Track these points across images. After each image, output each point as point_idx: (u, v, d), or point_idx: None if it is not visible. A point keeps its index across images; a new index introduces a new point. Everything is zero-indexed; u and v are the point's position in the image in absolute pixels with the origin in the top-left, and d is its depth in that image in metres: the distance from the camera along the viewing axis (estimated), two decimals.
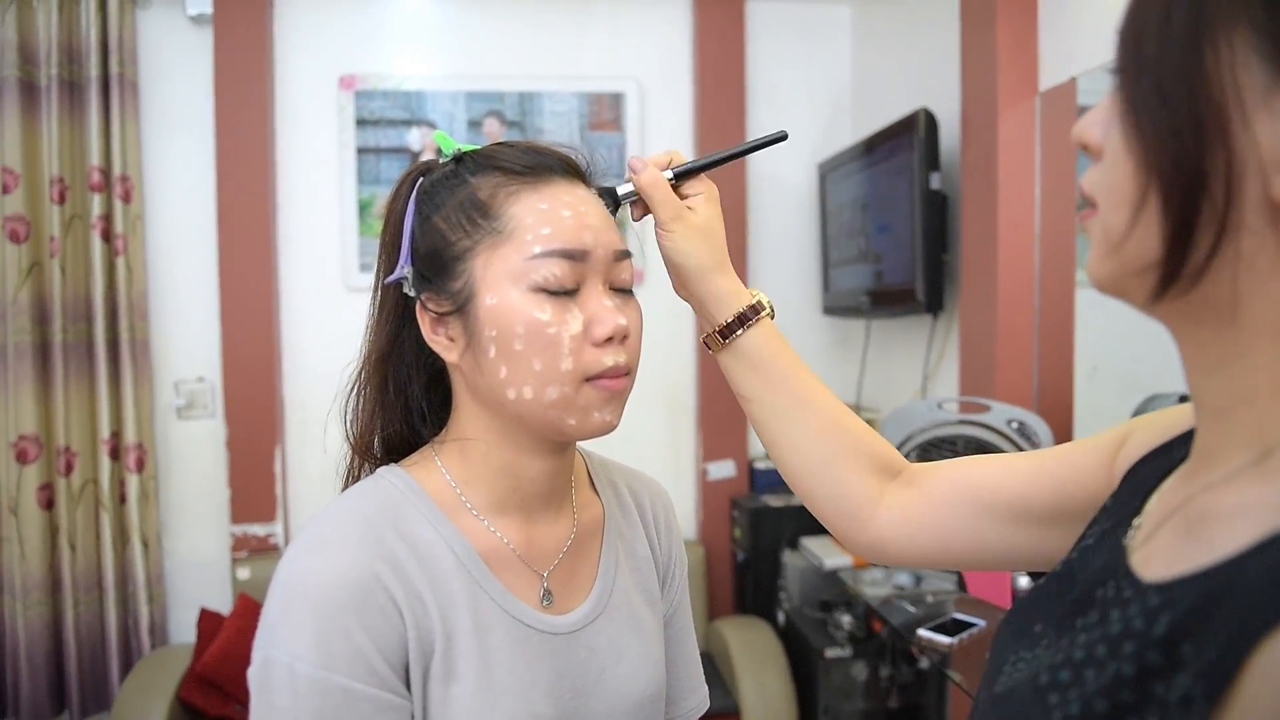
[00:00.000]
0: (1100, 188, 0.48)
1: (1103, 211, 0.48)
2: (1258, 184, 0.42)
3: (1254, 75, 0.41)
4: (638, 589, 0.88)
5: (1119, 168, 0.46)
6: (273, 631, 0.68)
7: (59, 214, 2.70)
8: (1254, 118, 0.41)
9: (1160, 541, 0.50)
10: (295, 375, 2.98)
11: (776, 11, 3.21)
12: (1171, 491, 0.54)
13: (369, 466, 0.83)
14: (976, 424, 2.03)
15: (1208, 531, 0.46)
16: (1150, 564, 0.49)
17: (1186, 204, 0.43)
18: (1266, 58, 0.41)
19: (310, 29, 2.96)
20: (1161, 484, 0.56)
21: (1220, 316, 0.45)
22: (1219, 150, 0.42)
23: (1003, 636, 0.60)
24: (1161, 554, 0.49)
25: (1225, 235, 0.43)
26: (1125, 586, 0.49)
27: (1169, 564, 0.47)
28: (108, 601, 2.75)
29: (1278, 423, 0.45)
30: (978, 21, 2.22)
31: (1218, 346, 0.47)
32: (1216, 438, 0.49)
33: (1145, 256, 0.45)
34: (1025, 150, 2.13)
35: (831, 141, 3.21)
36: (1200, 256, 0.44)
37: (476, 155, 0.78)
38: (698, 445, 3.21)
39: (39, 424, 2.72)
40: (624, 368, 0.74)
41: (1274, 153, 0.41)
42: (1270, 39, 0.41)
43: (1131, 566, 0.51)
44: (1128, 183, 0.46)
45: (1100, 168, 0.49)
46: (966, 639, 1.74)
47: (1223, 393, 0.48)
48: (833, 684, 2.52)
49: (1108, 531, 0.57)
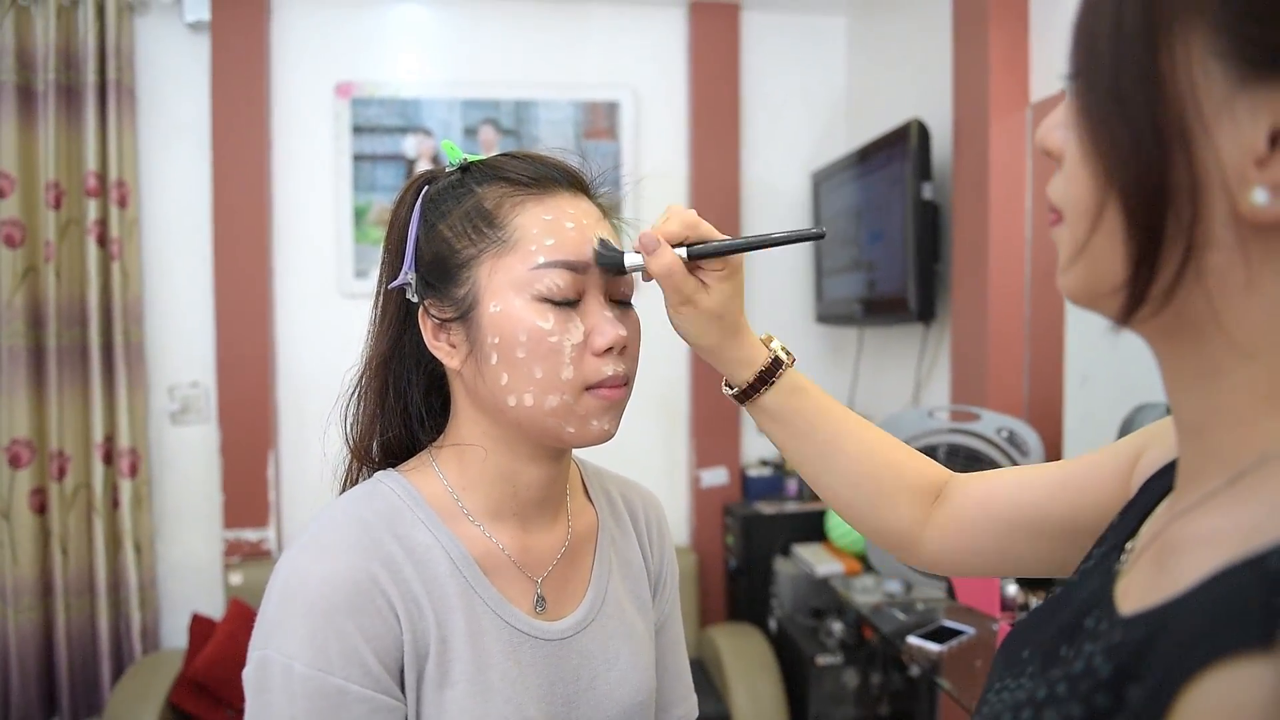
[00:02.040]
0: (1062, 197, 0.46)
1: (1067, 221, 0.46)
2: (1225, 198, 0.39)
3: (1213, 79, 0.38)
4: (629, 597, 0.89)
5: (1077, 179, 0.44)
6: (269, 632, 0.69)
7: (55, 219, 2.71)
8: (1215, 126, 0.38)
9: (1138, 571, 0.49)
10: (289, 381, 2.98)
11: (771, 22, 3.24)
12: (1159, 516, 0.52)
13: (366, 470, 0.84)
14: (967, 432, 2.04)
15: (1175, 561, 0.44)
16: (1127, 595, 0.48)
17: (1150, 221, 0.40)
18: (1226, 59, 0.38)
19: (307, 36, 2.97)
20: (1158, 506, 0.54)
21: (1195, 333, 0.43)
22: (1181, 162, 0.39)
23: (997, 661, 0.58)
24: (1136, 585, 0.48)
25: (1194, 252, 0.40)
26: (1104, 618, 0.48)
27: (1140, 596, 0.46)
28: (99, 606, 2.75)
29: (1252, 443, 0.43)
30: (970, 33, 2.24)
31: (1194, 362, 0.45)
32: (1195, 458, 0.47)
33: (1111, 275, 0.43)
34: (1016, 161, 2.15)
35: (825, 151, 3.23)
36: (1168, 276, 0.41)
37: (483, 165, 0.79)
38: (691, 453, 3.22)
39: (32, 428, 2.71)
40: (623, 377, 0.76)
41: (1239, 164, 0.38)
42: (1229, 38, 0.38)
43: (1114, 596, 0.49)
44: (1086, 194, 0.43)
45: (1062, 175, 0.46)
46: (956, 646, 1.75)
47: (1200, 409, 0.46)
48: (824, 691, 2.53)
49: (1105, 554, 0.56)
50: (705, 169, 3.15)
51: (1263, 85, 0.37)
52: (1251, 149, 0.38)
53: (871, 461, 0.79)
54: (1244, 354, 0.42)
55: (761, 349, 0.78)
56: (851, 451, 0.79)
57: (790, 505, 3.04)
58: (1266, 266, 0.40)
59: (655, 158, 3.14)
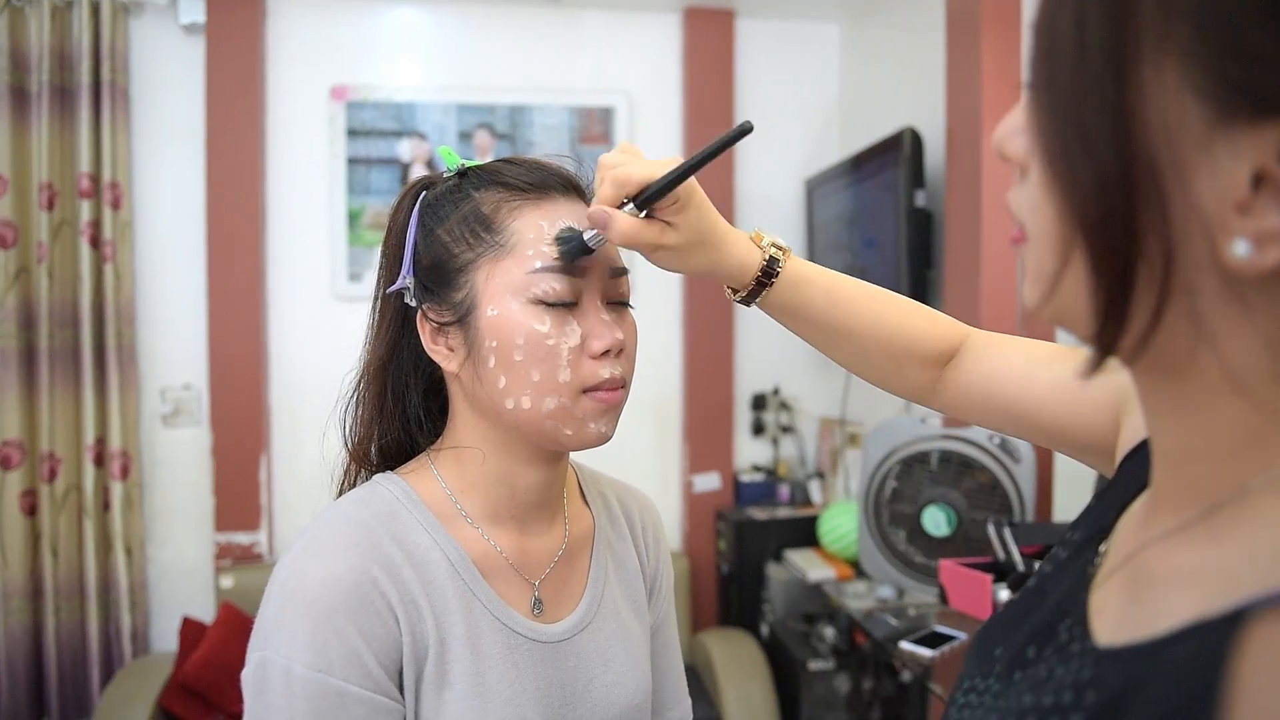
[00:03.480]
0: (1027, 218, 0.43)
1: (1032, 245, 0.42)
2: (1203, 245, 0.35)
3: (1188, 116, 0.34)
4: (625, 600, 0.90)
5: (1042, 207, 0.40)
6: (269, 633, 0.69)
7: (48, 220, 2.70)
8: (1191, 168, 0.34)
9: (1111, 591, 0.47)
10: (282, 384, 2.98)
11: (765, 28, 3.25)
12: (1132, 525, 0.51)
13: (364, 473, 0.85)
14: (959, 439, 2.05)
15: (1148, 596, 0.43)
16: (1101, 615, 0.46)
17: (1117, 270, 0.37)
18: (1203, 96, 0.34)
19: (302, 39, 2.97)
20: (1134, 501, 0.53)
21: (1175, 370, 0.41)
22: (1152, 207, 0.35)
23: (971, 655, 0.57)
24: (1109, 608, 0.46)
25: (1169, 300, 0.37)
26: (1076, 636, 0.47)
27: (1113, 625, 0.45)
28: (89, 609, 2.74)
29: (1231, 476, 0.41)
30: (963, 41, 2.25)
31: (1173, 396, 0.42)
32: (1171, 482, 0.45)
33: (1079, 319, 0.40)
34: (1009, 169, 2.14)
35: (819, 158, 3.24)
36: (1140, 327, 0.38)
37: (480, 170, 0.80)
38: (683, 458, 3.22)
39: (23, 429, 2.71)
40: (620, 380, 0.76)
41: (1218, 210, 0.34)
42: (1204, 71, 0.33)
43: (1088, 610, 0.47)
44: (1052, 226, 0.40)
45: (1025, 191, 0.43)
46: (948, 651, 1.75)
47: (1178, 440, 0.44)
48: (815, 696, 2.53)
49: (1080, 547, 0.55)
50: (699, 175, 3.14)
51: (1246, 125, 0.33)
52: (1232, 193, 0.34)
53: (883, 338, 0.79)
54: (1227, 391, 0.39)
55: (754, 250, 0.77)
56: (864, 331, 0.79)
57: (782, 511, 3.05)
58: (1254, 309, 0.37)
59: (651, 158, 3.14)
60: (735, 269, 0.76)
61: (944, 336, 0.80)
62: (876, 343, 0.79)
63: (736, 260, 0.76)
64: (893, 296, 0.81)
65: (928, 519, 2.08)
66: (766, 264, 0.76)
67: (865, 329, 0.79)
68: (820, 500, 3.16)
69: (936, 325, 0.81)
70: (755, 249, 0.77)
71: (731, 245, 0.76)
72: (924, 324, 0.80)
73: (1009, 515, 1.96)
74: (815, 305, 0.78)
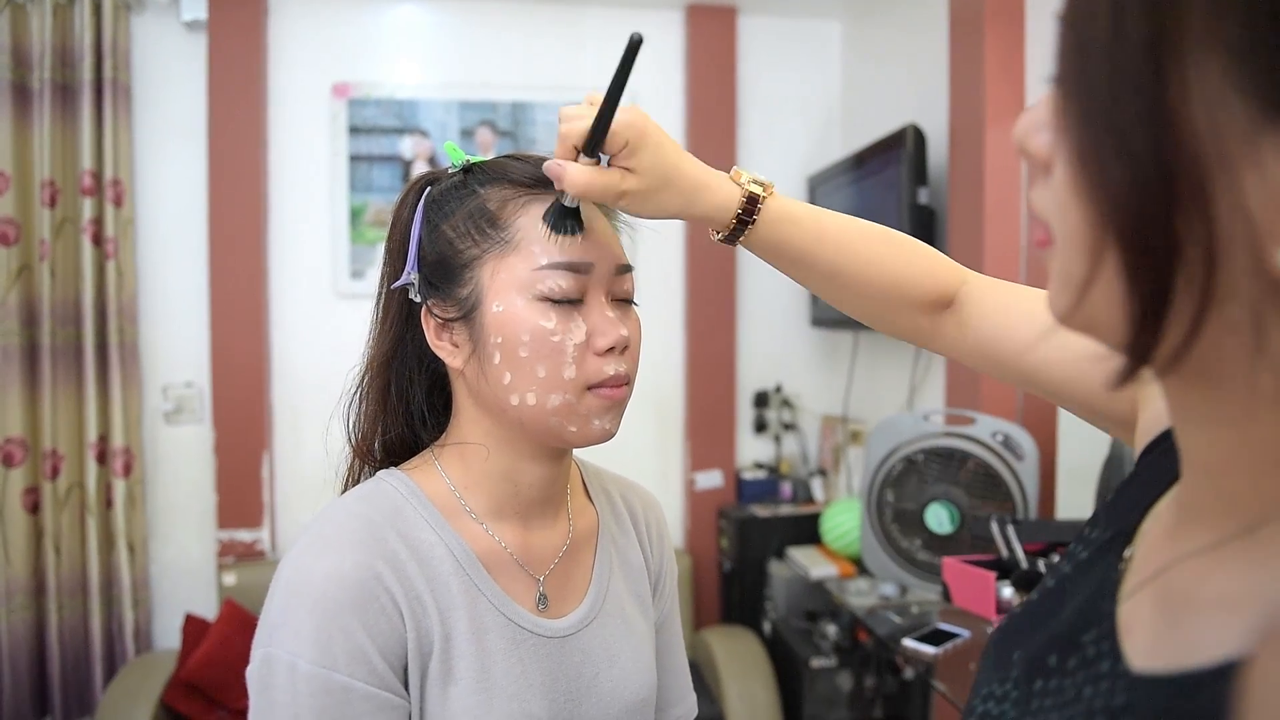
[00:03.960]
0: (1053, 219, 0.40)
1: (1058, 250, 0.39)
2: (1246, 251, 0.32)
3: (1234, 115, 0.31)
4: (630, 595, 0.90)
5: (1070, 209, 0.37)
6: (273, 629, 0.69)
7: (50, 217, 2.70)
8: (1235, 170, 0.32)
9: (1142, 606, 0.44)
10: (284, 381, 2.98)
11: (767, 26, 3.24)
12: (1158, 532, 0.48)
13: (368, 469, 0.85)
14: (962, 436, 2.05)
15: (1184, 619, 0.41)
16: (1132, 633, 0.44)
17: (1155, 278, 0.34)
18: (1247, 93, 0.31)
19: (304, 36, 2.97)
20: (1159, 501, 0.50)
21: (1211, 381, 0.37)
22: (1194, 212, 0.33)
23: (989, 657, 0.55)
24: (1141, 626, 0.44)
25: (1209, 308, 0.34)
26: (1104, 653, 0.44)
27: (1146, 646, 0.42)
28: (92, 606, 2.74)
29: (1272, 495, 0.38)
30: (966, 38, 2.25)
31: (1210, 409, 0.39)
32: (1205, 496, 0.43)
33: (1110, 329, 0.37)
34: (1012, 166, 2.16)
35: (821, 155, 3.24)
36: (1177, 337, 0.35)
37: (486, 166, 0.80)
38: (685, 455, 3.22)
39: (26, 427, 2.71)
40: (624, 377, 0.76)
41: (1265, 215, 0.32)
42: (1252, 69, 0.31)
43: (1117, 623, 0.45)
44: (1081, 230, 0.37)
45: (1050, 191, 0.40)
46: (951, 649, 1.75)
47: (1214, 454, 0.41)
48: (818, 694, 2.53)
49: (1102, 548, 0.52)
50: None
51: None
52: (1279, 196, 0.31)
53: (874, 279, 0.76)
54: (1269, 403, 0.36)
55: (734, 189, 0.74)
56: (853, 271, 0.76)
57: (785, 508, 3.05)
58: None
59: None
60: (712, 209, 0.74)
61: (941, 282, 0.77)
62: (867, 284, 0.77)
63: (714, 201, 0.74)
64: (889, 235, 0.78)
65: (930, 516, 2.08)
66: (746, 201, 0.74)
67: (855, 269, 0.76)
68: (822, 498, 3.15)
69: (935, 271, 0.78)
70: (735, 187, 0.74)
71: (709, 186, 0.74)
72: (920, 268, 0.77)
73: (1012, 512, 1.96)
74: (801, 243, 0.76)
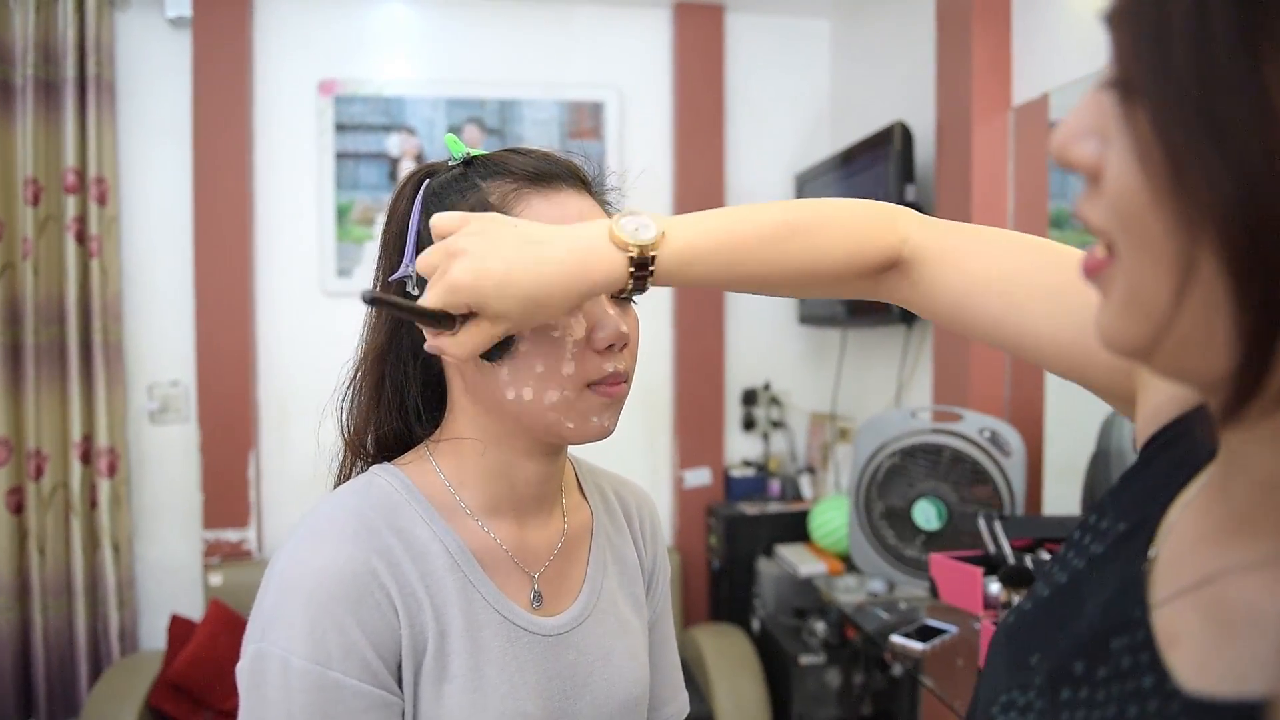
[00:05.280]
0: (1118, 233, 0.35)
1: (1127, 265, 0.35)
2: None
3: None
4: (624, 593, 0.89)
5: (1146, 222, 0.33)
6: (266, 625, 0.68)
7: (33, 215, 2.68)
8: None
9: (1186, 617, 0.41)
10: (270, 380, 2.96)
11: (756, 23, 3.25)
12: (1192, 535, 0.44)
13: (361, 464, 0.84)
14: (949, 433, 2.06)
15: (1243, 639, 0.38)
16: (1177, 647, 0.40)
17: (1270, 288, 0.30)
18: None
19: (290, 33, 2.95)
20: (1180, 494, 0.47)
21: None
22: None
23: (999, 659, 0.52)
24: (1188, 639, 0.40)
25: None
26: (1145, 667, 0.40)
27: (1196, 664, 0.39)
28: (77, 606, 2.72)
29: None
30: (953, 37, 2.25)
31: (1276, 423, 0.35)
32: (1260, 508, 0.39)
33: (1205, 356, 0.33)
34: (998, 164, 2.17)
35: (809, 152, 3.25)
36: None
37: (486, 160, 0.79)
38: (674, 453, 3.22)
39: (9, 427, 2.68)
40: (623, 374, 0.76)
41: None
42: None
43: (1154, 632, 0.41)
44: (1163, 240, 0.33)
45: (1109, 201, 0.36)
46: (939, 645, 1.76)
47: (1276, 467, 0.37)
48: (806, 691, 2.54)
49: (1120, 540, 0.48)
50: (689, 170, 3.15)
51: None
52: None
53: (801, 280, 0.71)
54: None
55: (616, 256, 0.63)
56: (777, 280, 0.71)
57: (773, 506, 3.06)
58: None
59: (640, 158, 3.14)
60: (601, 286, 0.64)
61: (872, 254, 0.70)
62: (794, 285, 0.71)
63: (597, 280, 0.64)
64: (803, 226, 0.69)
65: (918, 513, 2.08)
66: (634, 267, 0.64)
67: (777, 277, 0.70)
68: (811, 495, 3.16)
69: (863, 247, 0.70)
70: (616, 253, 0.63)
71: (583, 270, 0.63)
72: (846, 250, 0.70)
73: (999, 508, 1.96)
74: (714, 276, 0.68)
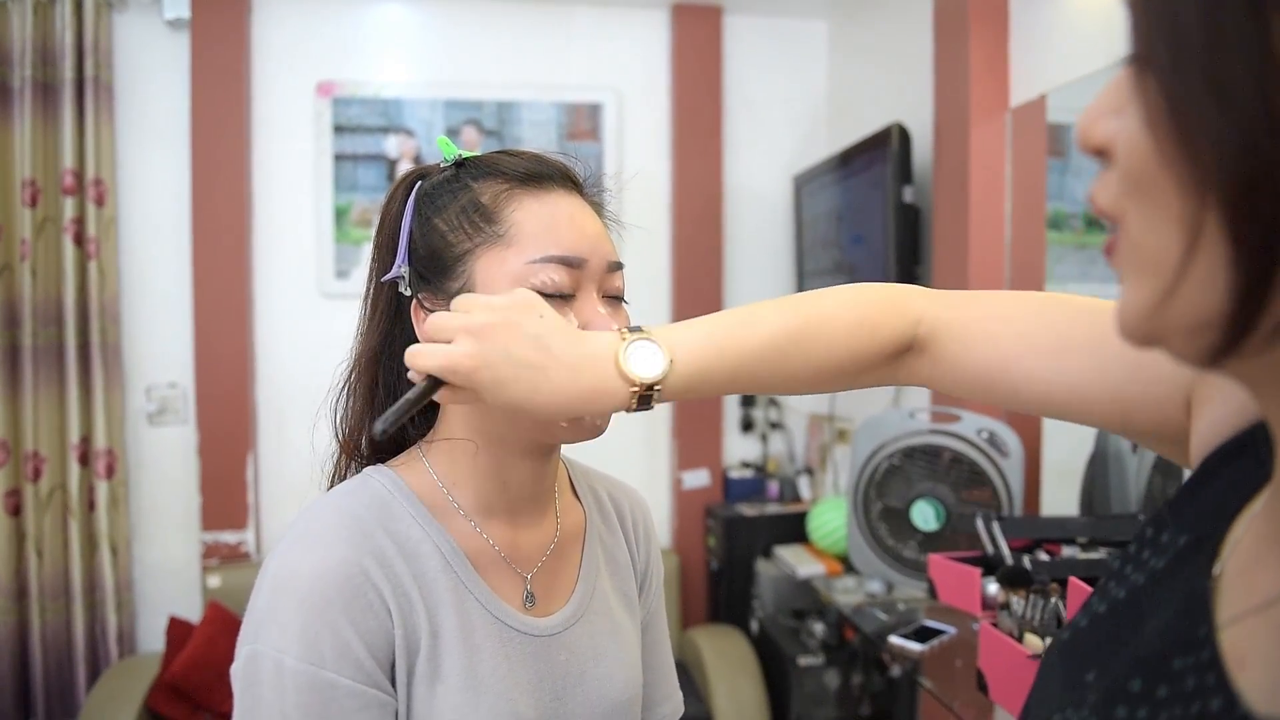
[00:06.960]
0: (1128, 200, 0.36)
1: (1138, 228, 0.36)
2: None
3: None
4: (617, 594, 0.89)
5: (1156, 185, 0.34)
6: (259, 626, 0.69)
7: (30, 217, 2.68)
8: None
9: (1256, 638, 0.39)
10: (269, 382, 2.96)
11: (753, 25, 3.25)
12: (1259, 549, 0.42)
13: (354, 466, 0.84)
14: (947, 434, 2.06)
15: None
16: (1247, 669, 0.38)
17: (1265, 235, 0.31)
18: None
19: (288, 35, 2.95)
20: (1245, 509, 0.45)
21: None
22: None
23: (1053, 675, 0.50)
24: (1260, 661, 0.38)
25: None
26: (1211, 689, 0.38)
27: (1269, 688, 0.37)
28: (75, 609, 2.72)
29: None
30: (951, 38, 2.26)
31: None
32: None
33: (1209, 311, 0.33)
34: (996, 165, 2.17)
35: (807, 154, 3.25)
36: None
37: (479, 161, 0.80)
38: (673, 454, 3.22)
39: (7, 429, 2.68)
40: None
41: None
42: None
43: (1221, 653, 0.39)
44: (1172, 200, 0.34)
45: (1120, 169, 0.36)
46: (937, 646, 1.76)
47: None
48: (805, 692, 2.53)
49: (1182, 555, 0.46)
50: (687, 171, 3.15)
51: None
52: None
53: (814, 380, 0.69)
54: None
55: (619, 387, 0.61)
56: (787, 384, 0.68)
57: (772, 507, 3.05)
58: None
59: (638, 160, 3.14)
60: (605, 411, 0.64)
61: (887, 339, 0.68)
62: (807, 385, 0.69)
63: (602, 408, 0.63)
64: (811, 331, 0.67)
65: (916, 514, 2.08)
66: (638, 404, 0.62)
67: (788, 383, 0.68)
68: (809, 496, 3.16)
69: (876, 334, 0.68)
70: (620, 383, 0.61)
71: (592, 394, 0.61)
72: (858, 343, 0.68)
73: (997, 509, 1.96)
74: (720, 387, 0.66)
